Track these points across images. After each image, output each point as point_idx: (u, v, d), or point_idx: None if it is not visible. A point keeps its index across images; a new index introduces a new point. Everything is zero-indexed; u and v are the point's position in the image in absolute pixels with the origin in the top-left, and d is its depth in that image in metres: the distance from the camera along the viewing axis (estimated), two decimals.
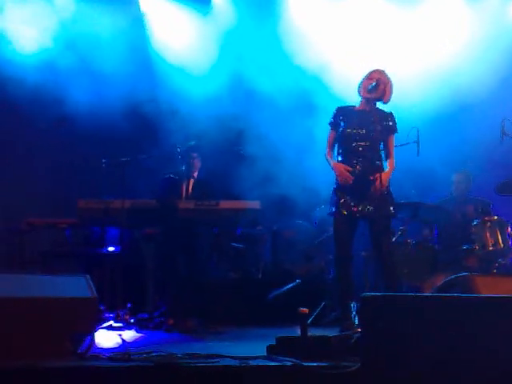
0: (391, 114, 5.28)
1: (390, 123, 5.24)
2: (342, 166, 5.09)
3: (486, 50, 7.47)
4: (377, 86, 5.11)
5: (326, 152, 5.27)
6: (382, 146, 5.21)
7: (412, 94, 7.21)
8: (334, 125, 5.28)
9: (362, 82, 5.24)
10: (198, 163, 6.72)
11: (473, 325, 3.33)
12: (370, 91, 5.13)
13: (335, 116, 5.28)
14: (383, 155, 5.21)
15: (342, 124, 5.21)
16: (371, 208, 5.01)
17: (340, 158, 5.21)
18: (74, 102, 7.27)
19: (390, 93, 5.19)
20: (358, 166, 5.08)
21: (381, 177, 4.98)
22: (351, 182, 5.02)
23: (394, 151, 5.24)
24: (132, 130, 7.49)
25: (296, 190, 7.66)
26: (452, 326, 3.34)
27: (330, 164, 5.21)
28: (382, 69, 5.26)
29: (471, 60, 7.42)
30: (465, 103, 7.42)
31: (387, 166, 5.19)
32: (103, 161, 6.41)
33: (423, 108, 7.29)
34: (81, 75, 7.39)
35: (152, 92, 7.61)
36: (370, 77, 5.20)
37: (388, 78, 5.19)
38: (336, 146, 5.28)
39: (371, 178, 5.01)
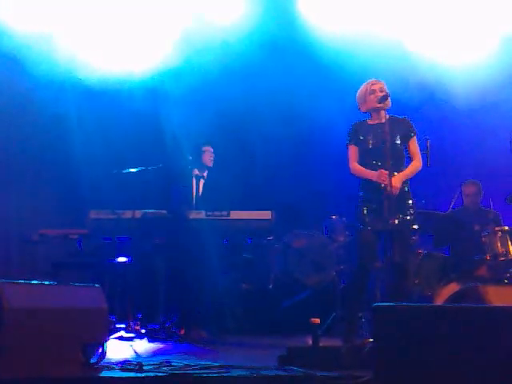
0: (405, 118, 5.26)
1: (407, 128, 5.21)
2: (378, 171, 4.99)
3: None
4: (386, 96, 5.11)
5: (351, 167, 5.17)
6: (406, 152, 5.20)
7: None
8: (355, 141, 5.18)
9: (364, 97, 5.20)
10: (210, 158, 6.72)
11: (485, 335, 3.31)
12: (380, 102, 5.11)
13: (354, 133, 5.20)
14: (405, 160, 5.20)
15: (364, 139, 5.14)
16: (393, 222, 4.94)
17: None
18: (81, 115, 7.35)
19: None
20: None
21: (391, 178, 4.92)
22: (386, 182, 4.90)
23: (419, 154, 5.20)
24: (142, 141, 7.52)
25: (307, 199, 7.68)
26: (464, 336, 3.33)
27: (361, 175, 5.11)
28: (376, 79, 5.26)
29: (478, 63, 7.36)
30: (476, 113, 7.41)
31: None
32: (114, 171, 6.46)
33: (433, 117, 7.30)
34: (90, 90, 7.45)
35: (160, 103, 7.65)
36: (371, 89, 5.17)
37: (386, 86, 5.21)
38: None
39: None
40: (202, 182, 6.71)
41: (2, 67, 7.14)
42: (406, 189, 5.10)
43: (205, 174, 6.75)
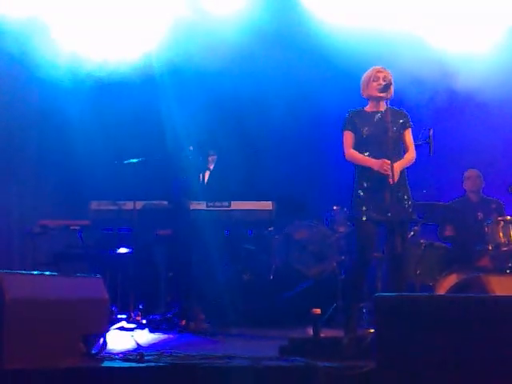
0: (402, 110, 5.23)
1: (404, 119, 5.18)
2: (380, 160, 4.94)
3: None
4: (388, 86, 5.06)
5: (348, 152, 5.11)
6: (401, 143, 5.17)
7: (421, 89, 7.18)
8: (351, 128, 5.13)
9: (367, 83, 5.16)
10: (213, 158, 6.77)
11: (487, 325, 3.30)
12: (382, 91, 5.06)
13: (350, 119, 5.15)
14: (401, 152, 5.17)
15: (360, 128, 5.10)
16: (393, 212, 4.86)
17: None
18: (83, 104, 7.33)
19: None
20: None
21: (393, 167, 4.87)
22: (389, 172, 4.87)
23: (413, 145, 5.17)
24: (143, 131, 7.51)
25: (308, 190, 7.67)
26: (465, 326, 3.32)
27: (359, 161, 5.05)
28: (383, 67, 5.22)
29: (483, 54, 7.30)
30: (478, 102, 7.37)
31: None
32: (115, 162, 6.46)
33: (434, 106, 7.27)
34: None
35: (161, 94, 7.63)
36: (376, 76, 5.12)
37: (391, 76, 5.16)
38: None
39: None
40: (207, 172, 6.72)
41: (4, 62, 7.13)
42: (404, 179, 5.07)
43: (211, 167, 6.78)
